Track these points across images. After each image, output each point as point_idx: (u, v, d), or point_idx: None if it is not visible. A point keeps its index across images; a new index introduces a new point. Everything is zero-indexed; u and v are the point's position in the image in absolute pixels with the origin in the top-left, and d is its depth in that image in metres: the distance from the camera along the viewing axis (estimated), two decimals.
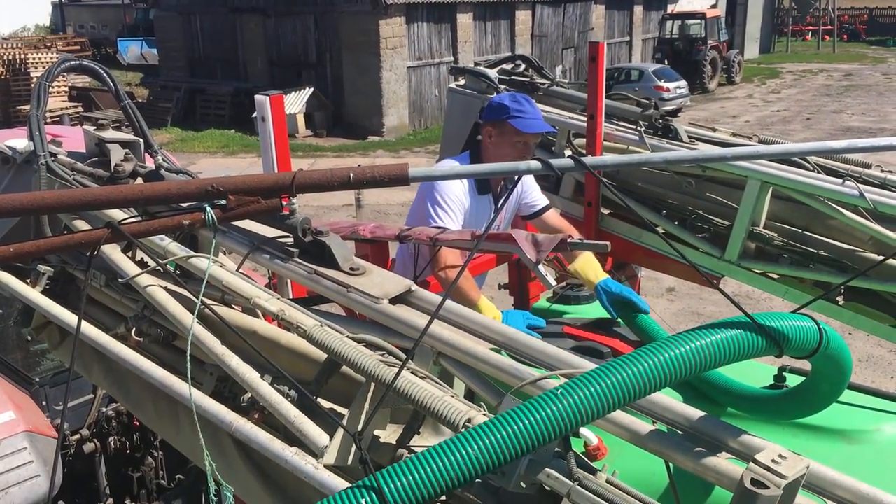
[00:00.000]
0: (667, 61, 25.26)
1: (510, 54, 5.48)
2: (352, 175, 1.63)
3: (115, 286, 2.13)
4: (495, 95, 3.64)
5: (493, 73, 4.40)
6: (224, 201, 1.70)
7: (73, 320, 1.95)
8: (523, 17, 23.01)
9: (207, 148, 18.45)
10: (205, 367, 1.81)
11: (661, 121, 3.88)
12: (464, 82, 4.52)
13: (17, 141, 2.68)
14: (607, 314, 2.92)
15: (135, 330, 1.99)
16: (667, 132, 3.83)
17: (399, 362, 1.44)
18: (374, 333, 1.61)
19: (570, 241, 2.42)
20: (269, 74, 21.63)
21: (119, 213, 2.00)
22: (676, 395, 2.17)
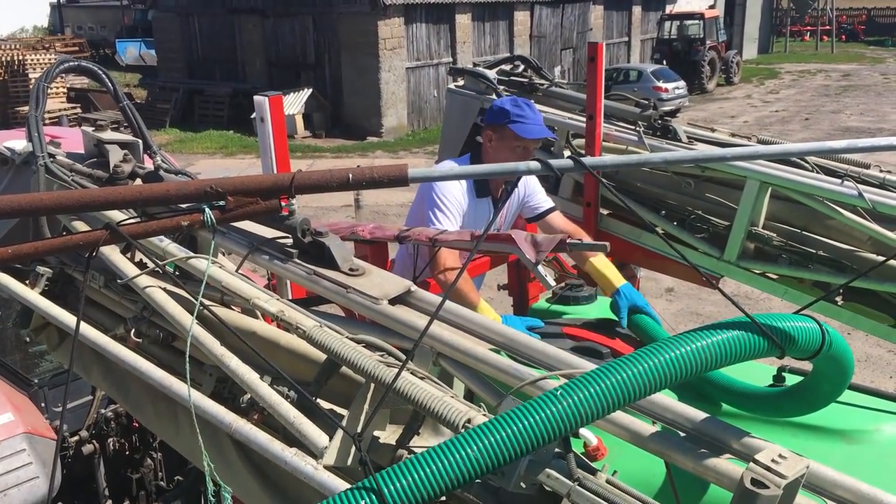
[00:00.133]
0: (665, 62, 25.27)
1: (509, 55, 5.48)
2: (351, 176, 1.63)
3: (115, 287, 2.13)
4: (497, 99, 3.63)
5: (491, 74, 4.40)
6: (223, 202, 1.70)
7: (72, 321, 1.95)
8: (522, 18, 23.01)
9: (206, 149, 18.43)
10: (204, 368, 1.81)
11: (659, 121, 3.88)
12: (462, 83, 4.52)
13: (16, 142, 2.68)
14: (605, 315, 2.91)
15: (134, 331, 1.99)
16: (666, 132, 3.83)
17: (399, 363, 1.43)
18: (374, 334, 1.61)
19: (569, 242, 2.42)
20: (268, 75, 21.62)
21: (118, 215, 2.00)
22: (673, 394, 2.16)
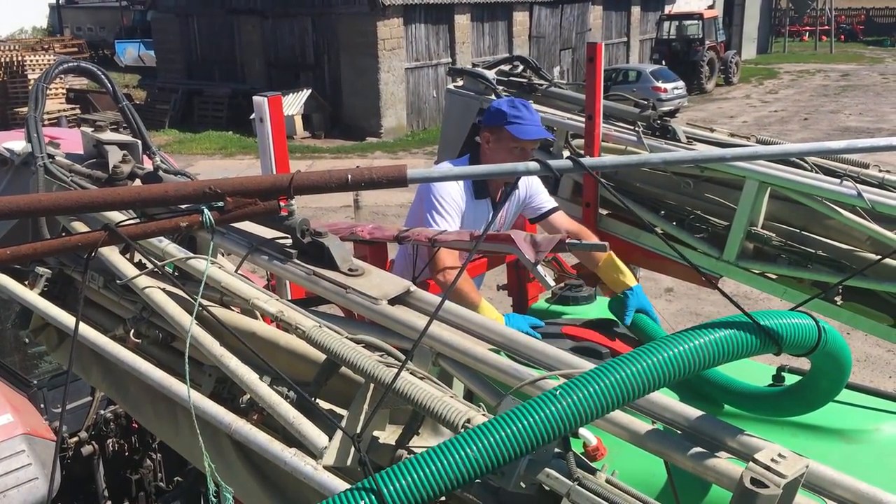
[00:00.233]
0: (664, 62, 25.27)
1: (508, 55, 5.48)
2: (350, 176, 1.63)
3: (114, 288, 2.13)
4: (494, 101, 3.63)
5: (490, 75, 4.40)
6: (222, 203, 1.70)
7: (71, 322, 1.95)
8: (521, 18, 23.01)
9: (205, 150, 18.43)
10: (204, 369, 1.81)
11: (658, 121, 3.88)
12: (462, 83, 4.52)
13: (15, 143, 2.67)
14: (605, 315, 2.91)
15: (133, 331, 1.99)
16: (665, 133, 3.83)
17: (398, 363, 1.43)
18: (373, 334, 1.61)
19: (568, 242, 2.42)
20: (267, 76, 21.61)
21: (117, 215, 2.00)
22: (673, 394, 2.16)
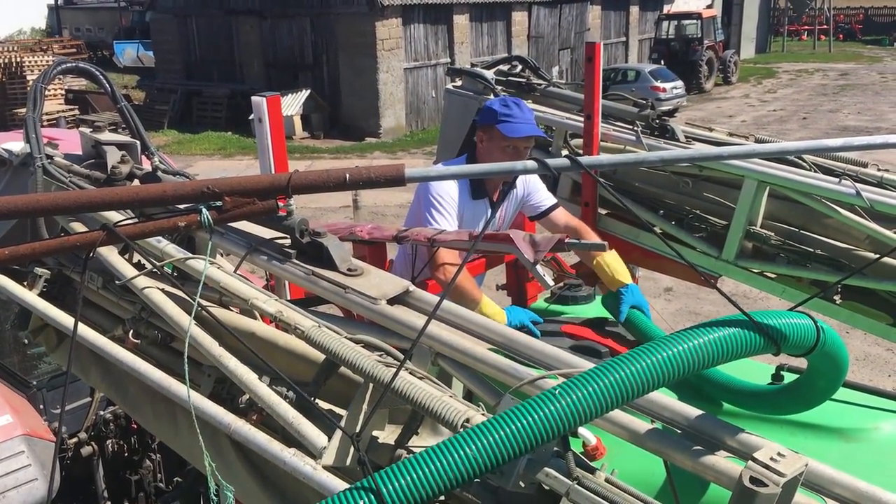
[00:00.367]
0: (663, 62, 25.27)
1: (507, 55, 5.48)
2: (348, 176, 1.63)
3: (113, 288, 2.13)
4: (488, 100, 3.63)
5: (489, 74, 4.40)
6: (220, 203, 1.70)
7: (70, 322, 1.95)
8: (520, 18, 23.01)
9: (204, 150, 18.42)
10: (203, 369, 1.81)
11: (657, 121, 3.88)
12: (460, 83, 4.52)
13: (14, 143, 2.68)
14: (603, 315, 2.91)
15: (132, 332, 1.99)
16: (663, 132, 3.83)
17: (397, 363, 1.43)
18: (372, 334, 1.61)
19: (567, 242, 2.42)
20: (266, 76, 21.60)
21: (116, 216, 2.00)
22: (670, 392, 2.16)
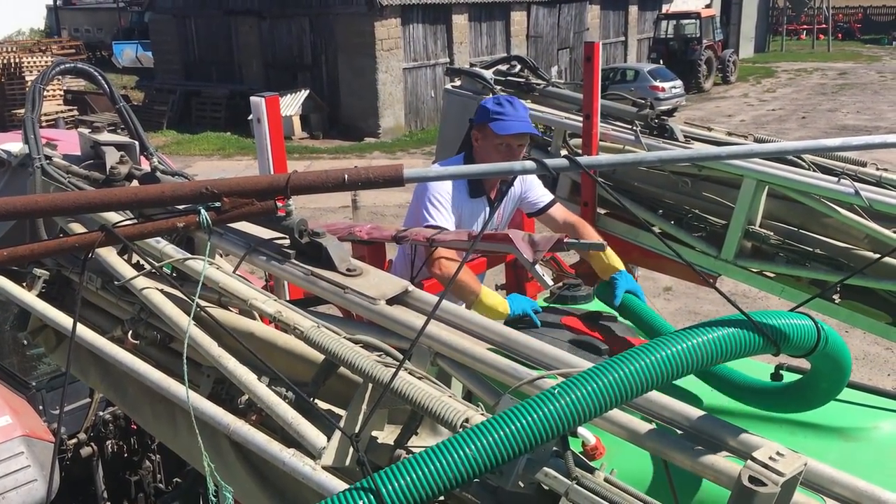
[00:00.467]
0: (662, 61, 25.26)
1: (506, 55, 5.48)
2: (346, 176, 1.63)
3: (112, 289, 2.13)
4: (484, 99, 3.64)
5: (488, 74, 4.40)
6: (218, 203, 1.70)
7: (69, 323, 1.95)
8: (518, 18, 23.01)
9: (203, 150, 18.41)
10: (202, 370, 1.81)
11: (656, 120, 3.88)
12: (459, 83, 4.52)
13: (12, 144, 2.67)
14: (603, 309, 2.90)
15: (131, 332, 1.99)
16: (662, 132, 3.83)
17: (396, 363, 1.43)
18: (372, 334, 1.61)
19: (566, 241, 2.42)
20: (265, 77, 21.59)
21: (115, 216, 1.99)
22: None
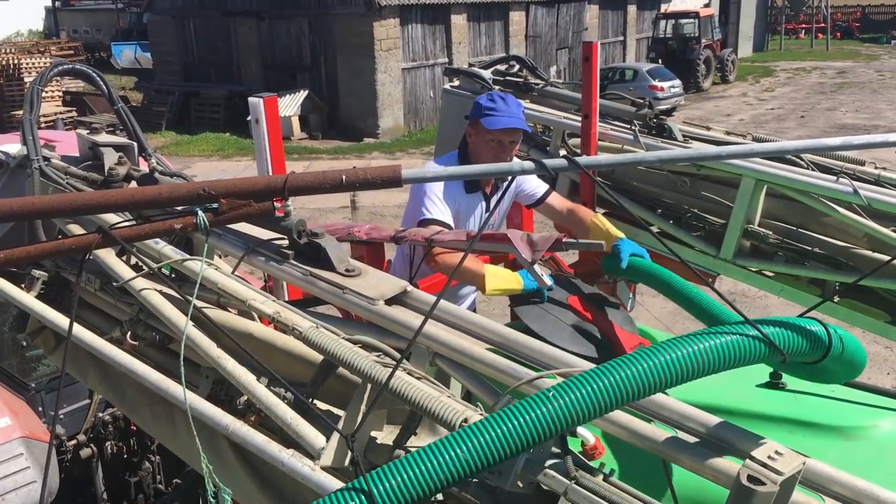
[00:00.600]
0: (661, 61, 25.27)
1: (504, 55, 5.48)
2: (344, 177, 1.63)
3: (110, 290, 2.12)
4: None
5: (487, 74, 4.41)
6: (216, 205, 1.70)
7: (67, 324, 1.95)
8: (517, 18, 23.01)
9: (203, 151, 18.40)
10: (201, 371, 1.81)
11: (655, 120, 3.89)
12: (458, 83, 4.52)
13: (11, 146, 2.67)
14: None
15: (130, 333, 1.99)
16: (661, 131, 3.83)
17: (395, 363, 1.43)
18: (370, 335, 1.61)
19: (565, 241, 2.42)
20: (264, 77, 21.59)
21: (113, 218, 1.99)
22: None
